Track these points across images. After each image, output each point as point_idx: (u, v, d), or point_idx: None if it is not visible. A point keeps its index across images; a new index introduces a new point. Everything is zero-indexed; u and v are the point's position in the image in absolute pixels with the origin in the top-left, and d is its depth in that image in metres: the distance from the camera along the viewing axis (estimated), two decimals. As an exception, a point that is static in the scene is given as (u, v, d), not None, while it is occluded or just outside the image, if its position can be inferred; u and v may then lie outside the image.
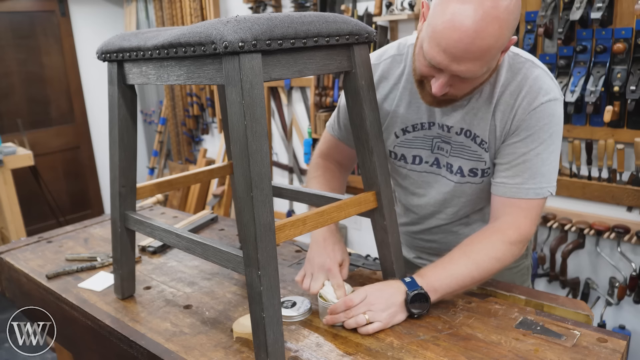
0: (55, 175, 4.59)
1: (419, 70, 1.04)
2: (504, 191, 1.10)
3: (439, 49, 0.94)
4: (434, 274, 1.06)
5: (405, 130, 1.20)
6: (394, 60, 1.20)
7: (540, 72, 1.08)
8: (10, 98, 4.26)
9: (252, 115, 0.80)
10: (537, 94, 1.05)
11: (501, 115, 1.09)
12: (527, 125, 1.06)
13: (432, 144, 1.19)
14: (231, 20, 0.80)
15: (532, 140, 1.07)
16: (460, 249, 1.09)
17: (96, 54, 1.12)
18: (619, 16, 2.05)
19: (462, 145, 1.15)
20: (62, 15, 4.46)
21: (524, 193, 1.08)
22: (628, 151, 2.14)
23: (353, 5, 2.94)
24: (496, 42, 0.92)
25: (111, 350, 1.12)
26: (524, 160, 1.08)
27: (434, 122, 1.16)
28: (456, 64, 0.94)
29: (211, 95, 4.06)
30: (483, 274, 1.07)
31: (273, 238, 0.85)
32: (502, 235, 1.08)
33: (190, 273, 1.34)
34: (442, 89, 0.99)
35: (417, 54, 1.04)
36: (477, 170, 1.15)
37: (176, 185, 1.27)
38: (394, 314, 1.02)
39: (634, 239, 2.16)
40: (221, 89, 1.36)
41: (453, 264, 1.06)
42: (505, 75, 1.08)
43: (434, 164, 1.21)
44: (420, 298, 1.03)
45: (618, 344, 0.93)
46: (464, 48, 0.91)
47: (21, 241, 1.62)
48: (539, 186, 1.08)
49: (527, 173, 1.08)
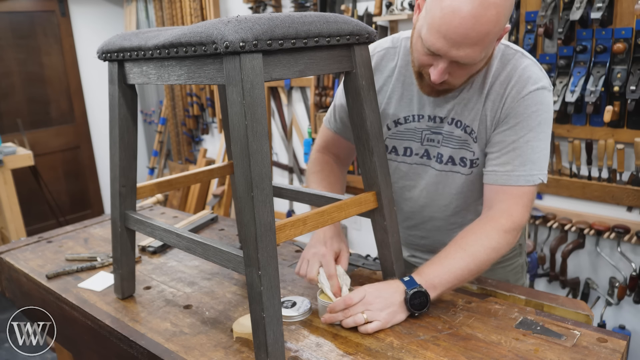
0: (55, 175, 4.60)
1: (417, 60, 1.06)
2: (495, 179, 1.11)
3: (439, 35, 0.96)
4: (432, 271, 1.05)
5: (397, 122, 1.22)
6: (387, 52, 1.22)
7: (529, 62, 1.10)
8: (10, 98, 4.26)
9: (252, 115, 0.80)
10: (526, 82, 1.08)
11: (491, 105, 1.11)
12: (516, 113, 1.08)
13: (421, 136, 1.21)
14: (232, 20, 0.80)
15: (521, 128, 1.08)
16: (455, 243, 1.09)
17: (97, 54, 1.12)
18: (619, 16, 2.05)
19: (452, 135, 1.17)
20: (62, 15, 4.46)
21: (515, 180, 1.09)
22: (628, 151, 2.14)
23: (353, 5, 2.94)
24: (494, 27, 0.95)
25: (111, 350, 1.12)
26: (513, 148, 1.09)
27: (423, 114, 1.19)
28: (455, 50, 0.96)
29: (211, 95, 4.06)
30: (480, 265, 1.07)
31: (273, 238, 0.85)
32: (495, 223, 1.08)
33: (190, 273, 1.34)
34: (441, 75, 1.01)
35: (415, 44, 1.06)
36: (466, 160, 1.17)
37: (176, 185, 1.27)
38: (393, 314, 1.02)
39: (634, 239, 2.16)
40: (222, 89, 1.36)
41: (450, 259, 1.06)
42: (497, 66, 1.11)
43: (424, 156, 1.22)
44: (419, 296, 1.02)
45: (618, 344, 0.93)
46: (464, 33, 0.93)
47: (21, 241, 1.62)
48: (529, 173, 1.08)
49: (518, 160, 1.08)
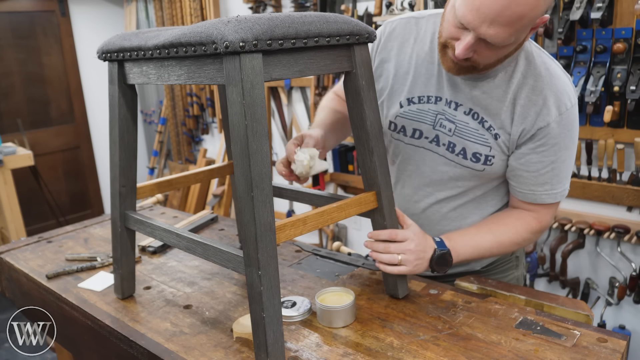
0: (55, 175, 4.60)
1: (446, 30, 1.01)
2: (534, 198, 1.14)
3: (473, 7, 0.91)
4: (461, 241, 1.12)
5: (411, 101, 1.18)
6: (408, 22, 1.19)
7: (558, 70, 1.08)
8: (10, 98, 4.26)
9: (252, 115, 0.80)
10: (563, 97, 1.06)
11: (521, 110, 1.07)
12: (556, 134, 1.07)
13: (435, 119, 1.16)
14: (232, 20, 0.80)
15: (559, 148, 1.08)
16: (487, 225, 1.16)
17: (97, 54, 1.12)
18: (619, 16, 2.05)
19: (468, 127, 1.13)
20: (62, 15, 4.46)
21: (552, 198, 1.13)
22: (628, 151, 2.14)
23: (353, 5, 2.94)
24: (531, 11, 0.90)
25: (111, 350, 1.12)
26: (552, 169, 1.10)
27: (441, 97, 1.15)
28: (486, 26, 0.91)
29: (211, 95, 4.06)
30: (501, 251, 1.17)
31: (273, 238, 0.85)
32: (527, 225, 1.16)
33: (190, 273, 1.34)
34: (466, 51, 0.97)
35: (447, 14, 1.01)
36: (480, 156, 1.13)
37: (176, 185, 1.27)
38: (420, 265, 1.07)
39: (634, 239, 2.16)
40: (222, 89, 1.36)
41: (479, 237, 1.14)
42: (523, 63, 1.07)
43: (434, 141, 1.18)
44: (443, 257, 1.09)
45: (618, 344, 0.93)
46: (498, 10, 0.88)
47: (21, 241, 1.62)
48: (563, 188, 1.14)
49: (555, 179, 1.12)
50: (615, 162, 2.14)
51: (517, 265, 1.37)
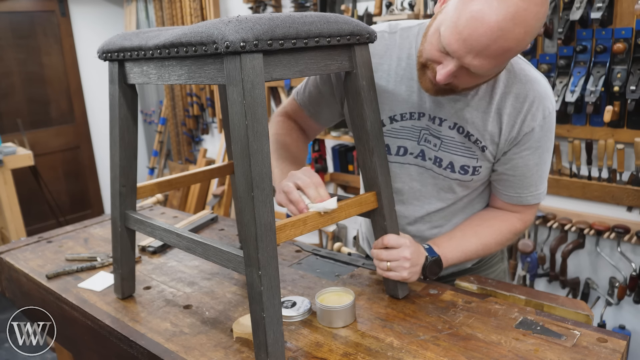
0: (55, 175, 4.60)
1: (427, 53, 0.98)
2: (519, 200, 1.17)
3: (459, 37, 0.89)
4: (448, 246, 1.14)
5: (393, 119, 1.16)
6: (382, 37, 1.14)
7: (537, 75, 1.08)
8: (10, 98, 4.26)
9: (253, 115, 0.80)
10: (546, 102, 1.06)
11: (507, 119, 1.07)
12: (539, 137, 1.08)
13: (419, 135, 1.15)
14: (233, 20, 0.80)
15: (543, 151, 1.11)
16: (472, 227, 1.19)
17: (97, 54, 1.12)
18: (619, 16, 2.05)
19: (454, 141, 1.12)
20: (62, 15, 4.46)
21: (537, 198, 1.17)
22: (628, 151, 2.14)
23: (353, 5, 2.94)
24: (517, 46, 0.89)
25: (111, 350, 1.12)
26: (537, 171, 1.13)
27: (424, 113, 1.13)
28: (471, 57, 0.90)
29: (211, 95, 4.06)
30: (486, 252, 1.20)
31: (273, 238, 0.85)
32: (511, 226, 1.19)
33: (190, 273, 1.35)
34: (447, 77, 0.95)
35: (431, 36, 0.97)
36: (468, 168, 1.13)
37: (176, 185, 1.27)
38: (415, 273, 1.09)
39: (634, 239, 2.16)
40: (222, 89, 1.36)
41: (465, 241, 1.16)
42: (505, 74, 1.07)
43: (419, 156, 1.17)
44: (436, 264, 1.12)
45: (618, 344, 0.93)
46: (485, 44, 0.87)
47: (21, 241, 1.62)
48: (544, 188, 1.17)
49: (539, 181, 1.15)
50: (615, 162, 2.14)
51: (502, 259, 1.41)
